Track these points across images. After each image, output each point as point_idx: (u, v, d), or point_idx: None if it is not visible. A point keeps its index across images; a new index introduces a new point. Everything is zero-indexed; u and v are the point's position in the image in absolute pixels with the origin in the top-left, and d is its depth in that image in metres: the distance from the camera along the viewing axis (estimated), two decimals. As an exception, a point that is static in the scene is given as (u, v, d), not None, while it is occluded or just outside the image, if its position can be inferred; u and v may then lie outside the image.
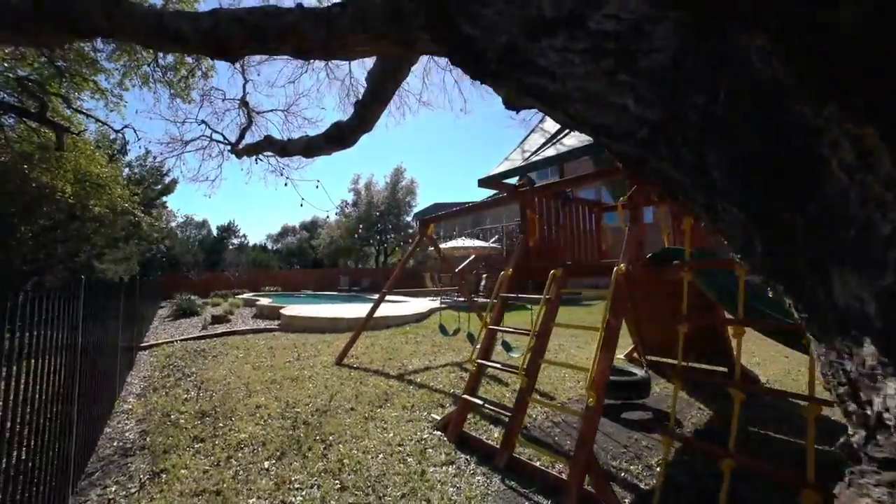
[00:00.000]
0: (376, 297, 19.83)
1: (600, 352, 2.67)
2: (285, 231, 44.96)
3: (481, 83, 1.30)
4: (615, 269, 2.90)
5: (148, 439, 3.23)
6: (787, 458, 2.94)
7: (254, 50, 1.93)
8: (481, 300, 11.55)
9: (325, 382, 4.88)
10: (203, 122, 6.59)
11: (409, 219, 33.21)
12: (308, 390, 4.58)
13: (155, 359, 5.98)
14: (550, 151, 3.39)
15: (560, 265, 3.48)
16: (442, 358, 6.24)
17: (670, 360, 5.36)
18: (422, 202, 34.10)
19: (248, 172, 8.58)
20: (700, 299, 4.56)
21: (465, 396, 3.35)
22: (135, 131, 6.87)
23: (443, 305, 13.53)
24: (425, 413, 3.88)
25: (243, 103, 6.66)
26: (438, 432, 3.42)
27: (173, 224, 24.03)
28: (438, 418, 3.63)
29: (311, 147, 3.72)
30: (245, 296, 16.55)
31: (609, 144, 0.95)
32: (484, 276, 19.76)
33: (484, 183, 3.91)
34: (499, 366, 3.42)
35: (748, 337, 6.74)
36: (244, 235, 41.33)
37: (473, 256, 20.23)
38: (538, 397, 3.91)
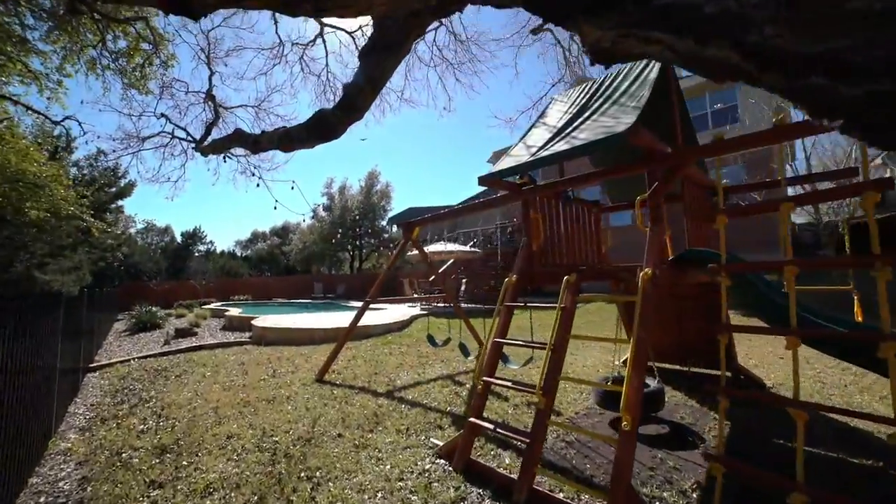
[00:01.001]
0: (352, 304, 19.19)
1: (632, 369, 2.36)
2: (255, 237, 43.24)
3: (564, 25, 0.95)
4: (641, 274, 2.62)
5: (89, 489, 2.65)
6: (863, 488, 2.60)
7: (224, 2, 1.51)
8: (463, 305, 11.25)
9: (305, 403, 4.37)
10: (163, 115, 5.92)
11: (384, 223, 32.59)
12: (287, 414, 4.06)
13: (106, 381, 5.25)
14: (561, 146, 3.08)
15: (571, 269, 3.18)
16: (431, 370, 5.83)
17: (672, 366, 5.19)
18: (396, 206, 33.44)
19: (215, 173, 7.92)
20: (708, 303, 4.42)
21: (472, 420, 2.97)
22: (79, 124, 6.05)
23: (423, 312, 13.13)
24: (423, 437, 3.47)
25: (209, 97, 6.06)
26: (442, 461, 3.02)
27: (132, 230, 22.42)
28: (440, 444, 3.23)
29: (290, 139, 3.26)
30: (213, 306, 15.53)
31: (831, 88, 0.60)
32: (463, 280, 19.48)
33: (486, 180, 3.57)
34: (509, 383, 3.06)
35: (739, 338, 6.66)
36: (211, 242, 39.40)
37: (452, 261, 19.95)
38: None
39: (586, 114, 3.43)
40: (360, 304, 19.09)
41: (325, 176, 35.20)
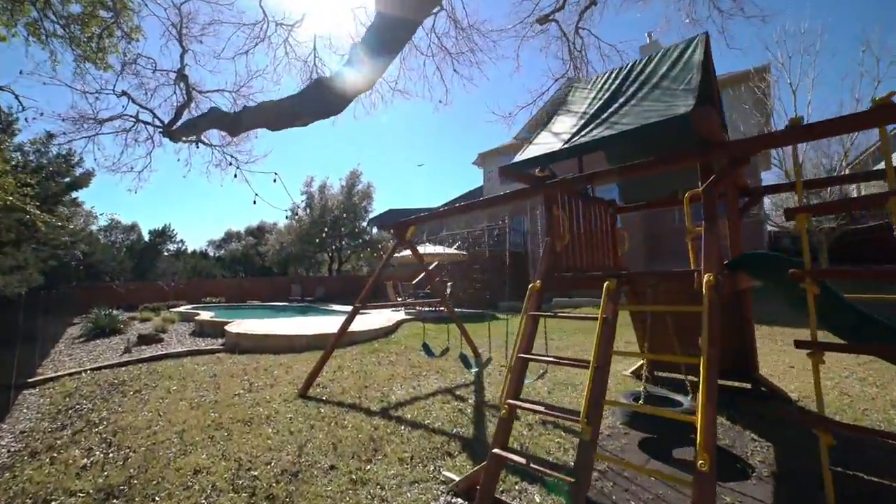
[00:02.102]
0: (333, 307, 18.38)
1: (706, 399, 1.93)
2: (229, 236, 41.50)
3: None
4: (704, 280, 2.21)
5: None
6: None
7: None
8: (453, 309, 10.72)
9: (288, 425, 3.79)
10: (125, 94, 5.16)
11: (364, 224, 31.77)
12: (267, 439, 3.47)
13: (47, 400, 4.49)
14: (602, 131, 2.68)
15: (610, 274, 2.76)
16: (427, 383, 5.31)
17: (677, 376, 4.86)
18: (377, 208, 32.64)
19: (187, 164, 7.09)
20: (732, 310, 4.10)
21: (497, 452, 2.48)
22: (16, 97, 5.13)
23: (409, 316, 12.58)
24: (432, 468, 2.96)
25: (181, 77, 5.37)
26: (460, 501, 2.53)
27: (94, 227, 20.87)
28: (455, 478, 2.74)
29: (281, 115, 2.72)
30: (182, 308, 14.49)
31: None
32: (449, 283, 19.01)
33: (510, 171, 3.12)
34: (541, 408, 2.59)
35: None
36: (182, 241, 37.49)
37: (436, 263, 19.45)
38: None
39: (621, 99, 3.04)
40: (340, 307, 18.43)
41: (303, 175, 34.02)
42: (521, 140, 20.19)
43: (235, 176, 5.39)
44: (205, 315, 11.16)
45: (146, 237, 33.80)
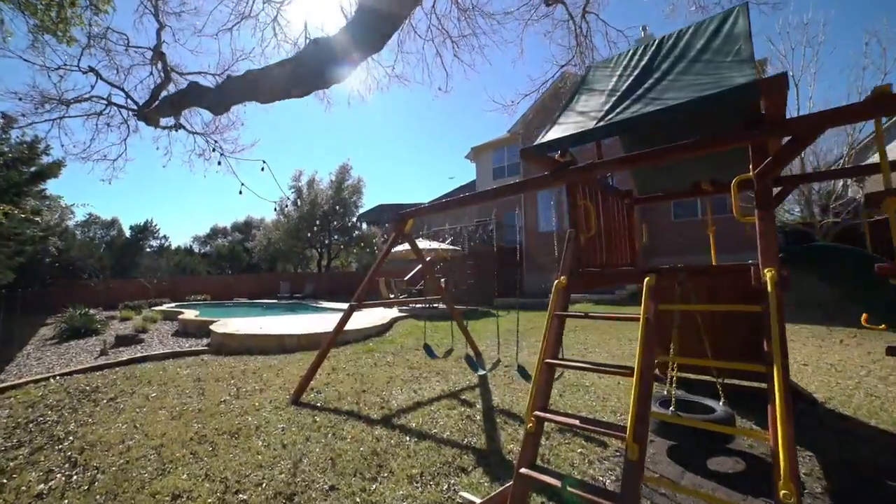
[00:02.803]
0: (322, 304, 17.88)
1: (785, 418, 1.64)
2: (215, 232, 40.47)
3: None
4: (767, 276, 1.92)
5: None
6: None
7: None
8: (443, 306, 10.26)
9: (281, 437, 3.42)
10: (92, 70, 4.63)
11: (354, 219, 31.18)
12: (258, 454, 3.11)
13: (6, 412, 4.03)
14: (641, 107, 2.36)
15: (644, 271, 2.46)
16: (429, 386, 4.99)
17: (704, 378, 4.63)
18: (366, 203, 32.02)
19: (167, 153, 6.54)
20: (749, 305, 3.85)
21: (525, 472, 2.17)
22: None
23: (403, 314, 12.22)
24: (446, 487, 2.64)
25: (157, 55, 4.89)
26: (482, 530, 2.21)
27: (70, 223, 19.94)
28: (476, 501, 2.42)
29: (275, 84, 2.34)
30: (165, 307, 13.89)
31: None
32: (442, 279, 18.68)
33: (533, 153, 2.78)
34: (576, 421, 2.27)
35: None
36: (165, 237, 36.37)
37: (429, 259, 19.11)
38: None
39: (655, 75, 2.74)
40: (330, 304, 17.96)
41: (290, 170, 33.18)
42: (516, 134, 19.89)
43: (219, 163, 4.95)
44: (189, 314, 10.64)
45: (127, 233, 32.65)
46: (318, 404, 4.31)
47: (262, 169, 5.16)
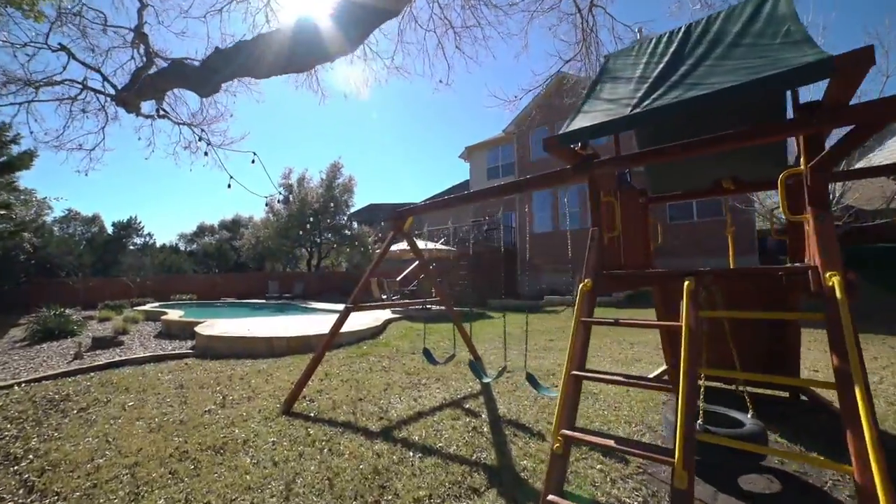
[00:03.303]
0: (312, 304, 17.40)
1: (873, 449, 1.40)
2: (202, 230, 39.50)
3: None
4: (831, 281, 1.69)
5: None
6: None
7: None
8: (437, 308, 9.85)
9: (271, 454, 3.11)
10: (63, 48, 4.21)
11: (344, 219, 30.69)
12: (246, 473, 2.80)
13: (-37, 425, 3.64)
14: (681, 93, 2.14)
15: (680, 273, 2.23)
16: (429, 394, 4.71)
17: (723, 386, 4.45)
18: (357, 202, 31.50)
19: (149, 143, 6.11)
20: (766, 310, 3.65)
21: (553, 499, 1.91)
22: None
23: (397, 315, 11.90)
24: (458, 513, 2.37)
25: (139, 36, 4.52)
26: (505, 567, 1.94)
27: (48, 218, 19.12)
28: (493, 532, 2.15)
29: (269, 61, 2.05)
30: (148, 307, 13.34)
31: None
32: (437, 280, 18.43)
33: (560, 141, 2.52)
34: (611, 443, 2.01)
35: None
36: (149, 234, 35.37)
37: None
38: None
39: (689, 61, 2.52)
40: (320, 304, 17.51)
41: (281, 167, 32.46)
42: (510, 133, 19.73)
43: (206, 154, 4.59)
44: (172, 314, 10.18)
45: (109, 230, 31.62)
46: (312, 414, 4.00)
47: (253, 161, 4.84)
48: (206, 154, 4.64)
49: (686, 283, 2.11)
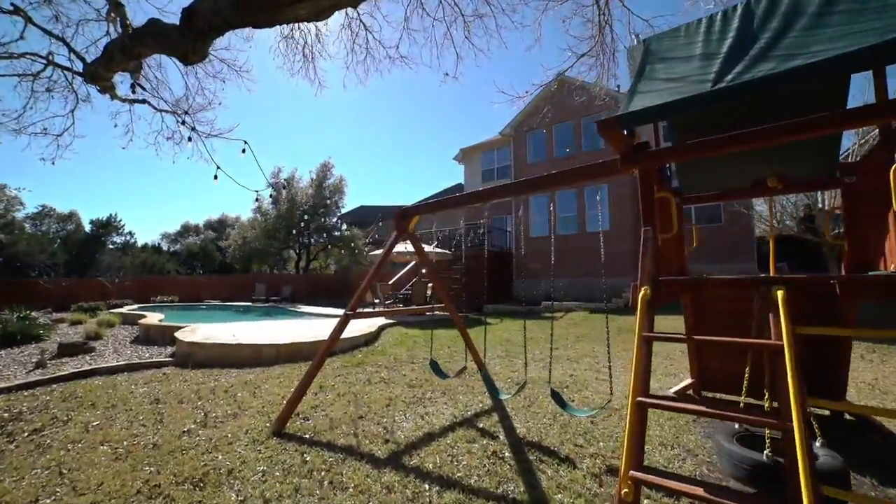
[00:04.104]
0: (301, 308, 16.71)
1: None
2: (186, 230, 38.38)
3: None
4: None
5: None
6: None
7: None
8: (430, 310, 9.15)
9: (261, 488, 2.63)
10: (16, 10, 3.59)
11: (334, 220, 30.02)
12: (230, 517, 2.32)
13: None
14: (776, 65, 1.78)
15: (769, 279, 1.85)
16: (436, 410, 4.26)
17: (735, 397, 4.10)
18: (347, 204, 30.84)
19: (128, 131, 5.53)
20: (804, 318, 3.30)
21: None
22: None
23: (392, 321, 11.40)
24: (496, 573, 1.93)
25: (115, 7, 4.01)
26: None
27: (18, 214, 18.09)
28: None
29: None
30: (125, 309, 12.59)
31: None
32: (429, 285, 17.97)
33: (612, 126, 2.13)
34: (699, 491, 1.60)
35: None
36: (130, 233, 34.16)
37: (413, 263, 18.34)
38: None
39: (767, 35, 2.18)
40: (309, 308, 16.83)
41: (270, 165, 31.59)
42: (507, 136, 19.45)
43: (190, 139, 4.08)
44: (152, 317, 9.52)
45: (87, 228, 30.35)
46: (307, 436, 3.52)
47: (244, 151, 4.36)
48: (189, 140, 4.14)
49: (779, 293, 1.73)
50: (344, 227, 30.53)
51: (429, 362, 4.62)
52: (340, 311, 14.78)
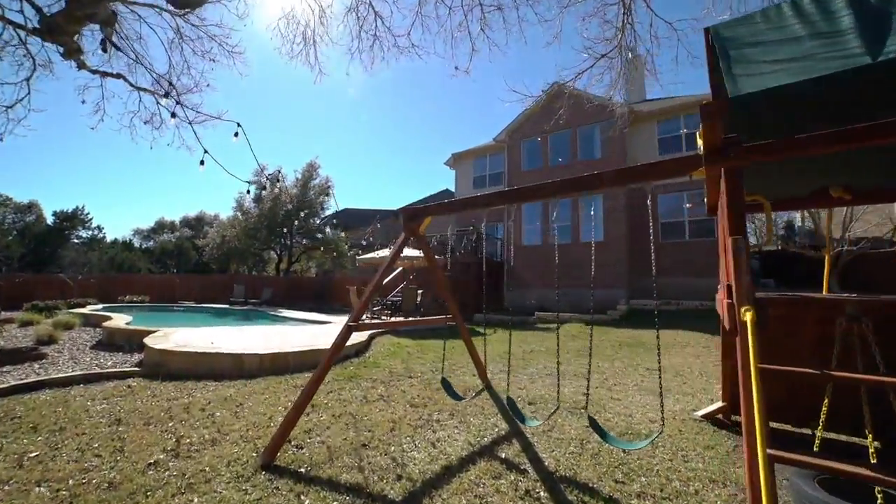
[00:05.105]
0: (283, 313, 15.84)
1: None
2: (161, 226, 36.63)
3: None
4: None
5: None
6: None
7: None
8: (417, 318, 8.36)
9: (250, 548, 2.07)
10: None
11: (318, 221, 29.15)
12: None
13: None
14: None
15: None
16: (447, 435, 3.75)
17: (783, 426, 3.76)
18: (332, 205, 29.95)
19: (97, 109, 4.85)
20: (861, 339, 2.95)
21: None
22: None
23: (383, 329, 10.81)
24: None
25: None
26: None
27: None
28: None
29: None
30: (88, 309, 11.56)
31: None
32: (419, 291, 17.40)
33: (722, 109, 1.74)
34: None
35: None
36: (99, 227, 32.25)
37: (401, 269, 17.77)
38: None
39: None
40: (291, 312, 15.95)
41: (252, 165, 30.52)
42: (501, 142, 19.21)
43: (174, 116, 3.49)
44: (118, 319, 8.65)
45: (49, 220, 28.44)
46: (303, 469, 2.95)
47: (237, 134, 3.81)
48: (173, 116, 3.53)
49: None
50: (328, 230, 29.65)
51: (440, 380, 4.12)
52: (325, 317, 14.08)
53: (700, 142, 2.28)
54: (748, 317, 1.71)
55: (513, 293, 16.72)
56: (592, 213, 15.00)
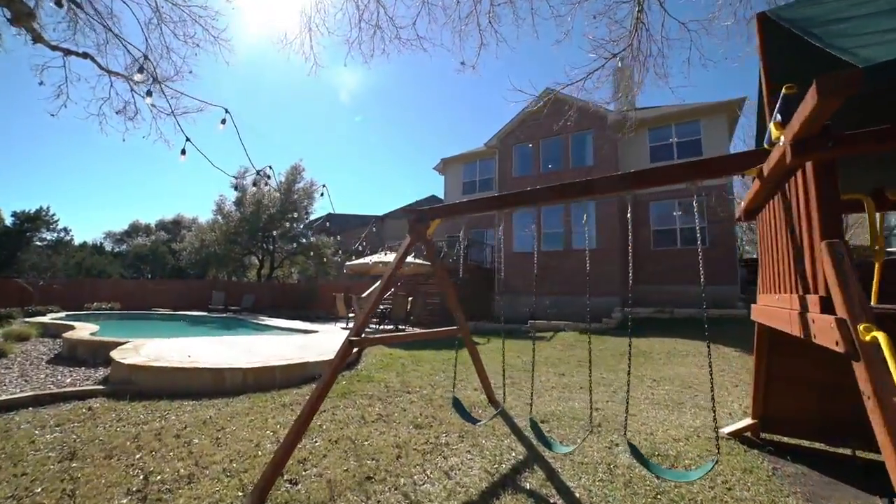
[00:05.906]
0: (265, 321, 15.04)
1: None
2: (135, 229, 35.01)
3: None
4: None
5: None
6: None
7: None
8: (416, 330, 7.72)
9: None
10: None
11: (301, 227, 28.32)
12: None
13: None
14: None
15: None
16: (461, 462, 3.33)
17: (813, 445, 3.49)
18: (316, 210, 29.16)
19: (59, 93, 4.31)
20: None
21: None
22: None
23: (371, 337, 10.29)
24: None
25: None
26: None
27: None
28: None
29: None
30: (49, 318, 10.64)
31: None
32: (409, 298, 16.88)
33: (857, 81, 1.40)
34: None
35: None
36: (65, 229, 30.54)
37: (388, 275, 17.23)
38: None
39: None
40: (274, 321, 15.16)
41: (236, 166, 29.49)
42: (492, 148, 19.01)
43: (150, 94, 3.01)
44: (81, 329, 7.88)
45: (8, 221, 26.69)
46: (299, 514, 2.48)
47: (223, 121, 3.35)
48: (149, 94, 3.05)
49: None
50: (311, 236, 28.81)
51: (452, 400, 3.71)
52: (310, 326, 13.39)
53: (776, 132, 1.98)
54: (881, 338, 1.37)
55: (505, 300, 16.40)
56: (585, 219, 14.90)
